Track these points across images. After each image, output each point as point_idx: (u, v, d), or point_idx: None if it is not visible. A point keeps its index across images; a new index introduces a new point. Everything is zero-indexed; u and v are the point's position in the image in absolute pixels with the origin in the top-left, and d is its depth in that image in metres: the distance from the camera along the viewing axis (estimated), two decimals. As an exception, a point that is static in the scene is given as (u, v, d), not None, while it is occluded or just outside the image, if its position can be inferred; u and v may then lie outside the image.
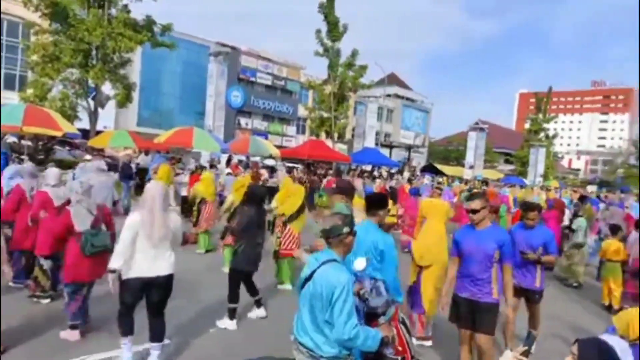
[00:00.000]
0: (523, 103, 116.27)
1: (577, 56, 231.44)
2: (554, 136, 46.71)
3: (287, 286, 6.46)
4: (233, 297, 4.81)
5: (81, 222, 4.18)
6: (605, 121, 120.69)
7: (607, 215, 10.68)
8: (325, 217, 2.66)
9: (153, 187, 3.71)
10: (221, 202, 11.87)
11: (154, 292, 3.62)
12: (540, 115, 43.66)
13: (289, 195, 6.60)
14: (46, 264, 4.85)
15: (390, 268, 3.19)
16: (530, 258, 4.62)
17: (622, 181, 45.97)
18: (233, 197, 7.04)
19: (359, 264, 2.75)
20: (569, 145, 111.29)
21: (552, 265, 5.82)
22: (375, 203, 3.67)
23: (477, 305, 3.67)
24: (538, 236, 4.70)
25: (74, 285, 4.21)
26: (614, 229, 7.51)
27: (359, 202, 4.70)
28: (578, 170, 77.44)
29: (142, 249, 3.50)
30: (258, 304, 5.10)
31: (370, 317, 2.82)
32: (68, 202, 4.67)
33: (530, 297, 4.73)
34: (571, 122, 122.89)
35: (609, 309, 6.86)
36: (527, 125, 46.35)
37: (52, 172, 5.24)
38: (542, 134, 42.81)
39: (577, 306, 7.20)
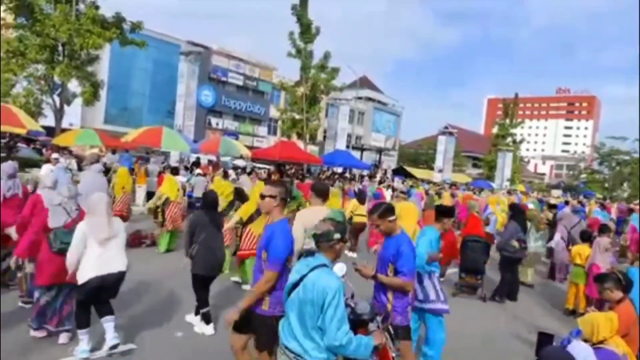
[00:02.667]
0: (491, 108, 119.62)
1: (542, 63, 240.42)
2: (521, 141, 48.33)
3: (248, 287, 6.59)
4: (201, 302, 4.80)
5: (56, 220, 4.28)
6: (570, 127, 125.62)
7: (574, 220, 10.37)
8: (319, 222, 2.65)
9: (96, 198, 4.08)
10: (190, 203, 11.96)
11: (106, 287, 3.88)
12: (508, 121, 45.17)
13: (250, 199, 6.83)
14: (29, 267, 4.78)
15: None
16: (364, 275, 3.43)
17: (584, 186, 48.04)
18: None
19: (339, 268, 2.52)
20: (534, 150, 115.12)
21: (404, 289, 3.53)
22: (444, 213, 4.69)
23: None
24: (391, 246, 3.50)
25: (40, 287, 4.23)
26: (583, 235, 7.62)
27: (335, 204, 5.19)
28: (543, 174, 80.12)
29: (93, 251, 3.84)
30: (207, 318, 4.84)
31: (356, 324, 2.70)
32: None
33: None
34: (537, 127, 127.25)
35: (573, 313, 6.93)
36: (494, 130, 47.80)
37: (49, 174, 5.34)
38: (509, 139, 44.22)
39: (538, 308, 7.41)
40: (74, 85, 18.11)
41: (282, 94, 36.09)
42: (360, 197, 10.01)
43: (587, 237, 7.47)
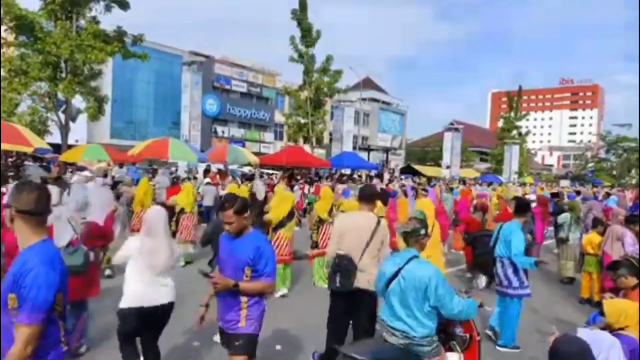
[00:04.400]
0: (495, 102, 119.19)
1: (545, 55, 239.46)
2: (527, 133, 48.04)
3: (283, 291, 6.49)
4: None
5: (60, 238, 4.11)
6: (575, 117, 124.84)
7: (584, 209, 10.50)
8: (407, 221, 3.33)
9: (155, 213, 3.51)
10: (200, 212, 11.81)
11: (155, 321, 3.46)
12: (513, 114, 44.87)
13: (280, 202, 6.71)
14: None
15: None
16: (224, 286, 2.92)
17: (592, 175, 47.59)
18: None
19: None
20: (541, 142, 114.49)
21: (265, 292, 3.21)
22: (523, 207, 5.33)
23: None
24: (245, 247, 2.97)
25: None
26: (595, 223, 7.49)
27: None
28: (551, 166, 79.59)
29: (143, 277, 3.35)
30: None
31: None
32: None
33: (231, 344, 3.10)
34: (542, 119, 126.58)
35: (589, 302, 6.88)
36: (500, 124, 47.51)
37: (52, 190, 5.08)
38: (515, 132, 43.99)
39: (557, 299, 7.32)
40: (78, 101, 18.13)
41: (286, 98, 36.06)
42: (384, 198, 9.96)
43: (596, 224, 7.35)
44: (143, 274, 3.35)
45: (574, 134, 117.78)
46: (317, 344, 4.59)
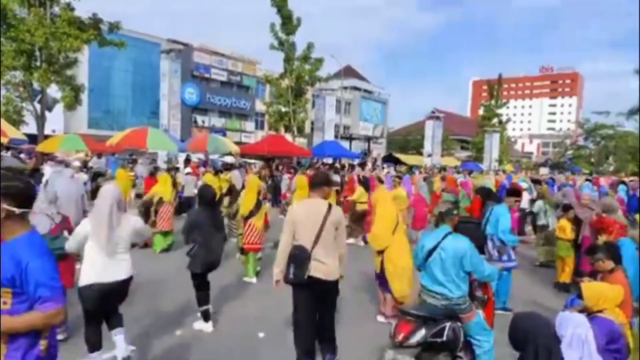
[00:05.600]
0: (476, 91, 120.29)
1: (525, 43, 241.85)
2: (507, 121, 48.65)
3: (252, 279, 6.66)
4: (200, 300, 4.78)
5: (41, 227, 4.17)
6: (554, 105, 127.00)
7: (560, 196, 10.86)
8: (441, 203, 4.22)
9: (106, 191, 3.70)
10: (180, 203, 11.85)
11: (112, 296, 3.64)
12: (493, 102, 45.48)
13: (245, 193, 6.92)
14: None
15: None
16: None
17: (571, 162, 48.67)
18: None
19: None
20: (521, 130, 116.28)
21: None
22: (513, 193, 6.16)
23: None
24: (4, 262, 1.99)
25: None
26: (565, 208, 7.57)
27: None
28: (531, 153, 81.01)
29: (98, 256, 3.51)
30: (205, 316, 4.84)
31: None
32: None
33: None
34: (522, 107, 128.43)
35: (564, 286, 6.97)
36: (481, 112, 48.11)
37: None
38: (495, 120, 44.56)
39: (532, 284, 7.41)
40: (54, 91, 17.78)
41: (267, 87, 35.86)
42: (365, 185, 10.23)
43: (567, 209, 7.48)
44: (98, 253, 3.52)
45: (554, 121, 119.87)
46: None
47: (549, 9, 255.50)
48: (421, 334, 3.44)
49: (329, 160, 25.77)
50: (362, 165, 24.54)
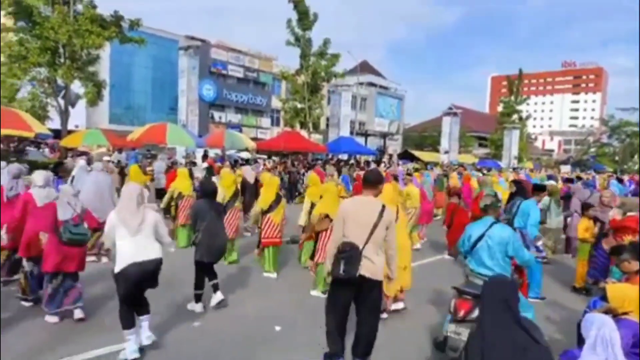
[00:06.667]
0: (495, 86, 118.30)
1: (547, 37, 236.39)
2: (527, 118, 47.76)
3: (272, 274, 6.74)
4: (198, 283, 5.19)
5: (64, 213, 4.58)
6: (577, 101, 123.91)
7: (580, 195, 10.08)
8: (484, 197, 5.03)
9: (129, 188, 4.14)
10: (197, 197, 12.08)
11: (146, 276, 3.93)
12: (513, 98, 44.67)
13: (265, 189, 6.96)
14: (27, 265, 4.97)
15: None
16: None
17: (594, 160, 47.50)
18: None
19: None
20: (542, 126, 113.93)
21: None
22: (539, 188, 6.98)
23: None
24: None
25: (49, 274, 4.57)
26: (584, 207, 7.32)
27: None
28: (552, 151, 79.30)
29: (127, 242, 3.88)
30: (215, 287, 5.29)
31: None
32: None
33: None
34: (543, 103, 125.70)
35: (585, 291, 6.68)
36: (500, 108, 47.32)
37: (40, 173, 5.29)
38: (515, 116, 43.79)
39: (552, 283, 7.16)
40: (76, 87, 18.25)
41: (283, 83, 36.02)
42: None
43: (586, 209, 7.26)
44: (128, 240, 3.88)
45: (576, 118, 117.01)
46: (315, 325, 4.77)
47: (571, 2, 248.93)
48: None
49: (345, 157, 25.81)
50: (378, 162, 24.52)
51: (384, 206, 3.72)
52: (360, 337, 3.76)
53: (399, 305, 5.33)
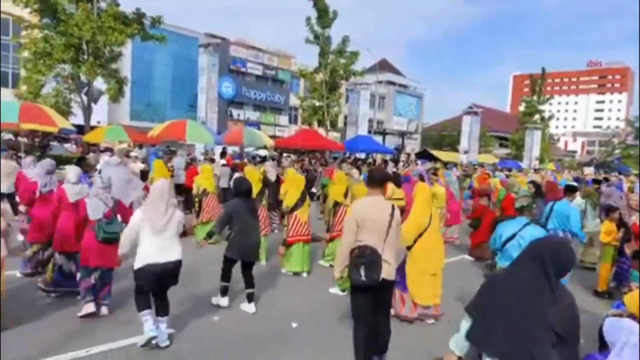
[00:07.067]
0: (517, 86, 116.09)
1: (572, 36, 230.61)
2: (550, 118, 46.77)
3: (290, 273, 6.64)
4: (224, 276, 5.09)
5: (95, 212, 4.57)
6: (602, 101, 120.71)
7: (604, 197, 9.97)
8: (520, 197, 5.38)
9: (158, 185, 4.11)
10: (218, 194, 12.15)
11: (165, 276, 3.94)
12: (535, 97, 43.77)
13: (290, 186, 6.87)
14: (59, 259, 5.07)
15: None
16: None
17: (619, 162, 46.22)
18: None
19: None
20: (565, 127, 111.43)
21: None
22: (571, 189, 6.87)
23: None
24: None
25: (85, 269, 4.61)
26: (607, 210, 7.11)
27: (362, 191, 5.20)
28: (575, 152, 77.60)
29: (150, 240, 3.87)
30: (250, 298, 5.15)
31: None
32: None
33: None
34: (567, 103, 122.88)
35: (608, 295, 6.52)
36: (521, 108, 46.43)
37: (73, 169, 5.37)
38: (537, 116, 42.93)
39: (576, 286, 6.79)
40: (99, 83, 18.59)
41: (302, 81, 36.04)
42: (397, 181, 9.93)
43: (609, 212, 6.92)
44: (152, 238, 3.87)
45: (601, 119, 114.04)
46: (332, 322, 4.82)
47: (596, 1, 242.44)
48: None
49: (362, 155, 25.66)
50: (395, 161, 24.30)
51: (393, 206, 3.69)
52: (378, 336, 3.73)
53: (429, 319, 5.05)
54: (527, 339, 2.12)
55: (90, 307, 4.61)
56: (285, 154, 20.37)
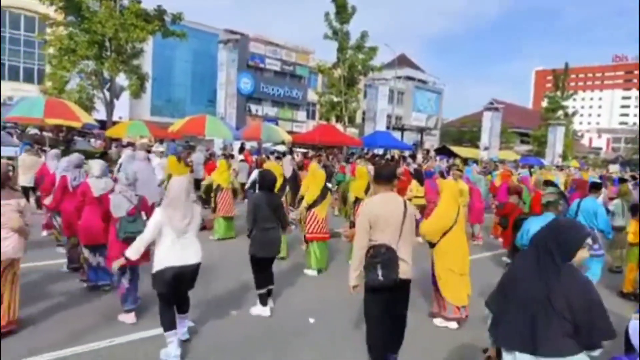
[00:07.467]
0: (539, 81, 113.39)
1: (597, 30, 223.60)
2: (573, 114, 45.66)
3: (313, 272, 6.55)
4: (258, 282, 4.87)
5: (118, 209, 4.45)
6: (628, 97, 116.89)
7: (636, 195, 9.37)
8: (545, 193, 4.94)
9: (176, 182, 3.83)
10: (234, 189, 12.25)
11: (184, 280, 3.77)
12: (558, 93, 42.76)
13: (312, 182, 6.79)
14: (85, 252, 5.13)
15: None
16: None
17: (646, 159, 44.80)
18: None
19: None
20: (589, 123, 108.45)
21: None
22: (596, 186, 6.69)
23: None
24: None
25: (118, 270, 4.43)
26: (634, 209, 6.79)
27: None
28: (599, 149, 75.52)
29: (170, 241, 3.66)
30: (268, 294, 4.99)
31: None
32: (111, 192, 4.93)
33: None
34: (591, 99, 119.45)
35: (629, 295, 6.39)
36: (544, 104, 45.43)
37: (98, 163, 5.38)
38: (560, 112, 41.97)
39: (601, 288, 6.57)
40: (121, 79, 18.91)
41: (319, 77, 35.98)
42: (419, 177, 9.61)
43: (636, 211, 6.62)
44: (171, 239, 3.66)
45: (627, 115, 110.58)
46: (350, 319, 4.78)
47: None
48: None
49: (380, 151, 25.50)
50: (413, 157, 24.08)
51: (404, 201, 3.62)
52: (394, 334, 3.67)
53: (453, 324, 4.86)
54: (530, 323, 2.12)
55: (130, 318, 4.44)
56: (296, 149, 20.37)
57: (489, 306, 2.40)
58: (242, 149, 16.92)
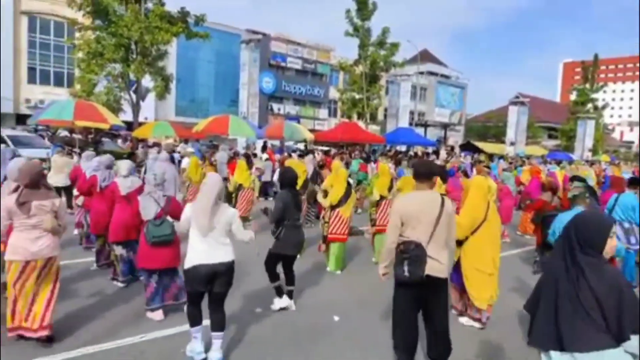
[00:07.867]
0: (568, 73, 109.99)
1: (627, 19, 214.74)
2: (604, 107, 44.09)
3: (335, 271, 6.51)
4: (272, 277, 4.89)
5: (147, 212, 4.46)
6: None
7: None
8: (573, 187, 5.20)
9: (209, 180, 3.78)
10: (253, 188, 12.33)
11: (216, 279, 3.66)
12: (588, 85, 41.39)
13: (336, 181, 6.71)
14: (117, 249, 5.25)
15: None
16: None
17: (681, 153, 42.96)
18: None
19: None
20: (620, 116, 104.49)
21: None
22: (634, 182, 6.50)
23: None
24: None
25: (144, 271, 4.57)
26: None
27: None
28: (632, 142, 72.64)
29: (197, 240, 3.64)
30: (290, 295, 4.99)
31: None
32: (138, 190, 5.05)
33: None
34: (622, 91, 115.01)
35: None
36: (572, 97, 43.99)
37: (125, 163, 5.52)
38: (589, 105, 40.61)
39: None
40: (146, 81, 19.33)
41: (341, 74, 35.87)
42: (443, 175, 9.54)
43: None
44: (199, 238, 3.63)
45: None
46: (375, 318, 4.76)
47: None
48: None
49: (403, 148, 25.23)
50: (436, 153, 23.72)
51: (443, 198, 3.48)
52: (437, 339, 3.55)
53: (477, 324, 4.71)
54: (562, 321, 2.10)
55: (158, 315, 4.49)
56: (315, 147, 20.35)
57: (527, 309, 2.39)
58: (264, 148, 17.05)
